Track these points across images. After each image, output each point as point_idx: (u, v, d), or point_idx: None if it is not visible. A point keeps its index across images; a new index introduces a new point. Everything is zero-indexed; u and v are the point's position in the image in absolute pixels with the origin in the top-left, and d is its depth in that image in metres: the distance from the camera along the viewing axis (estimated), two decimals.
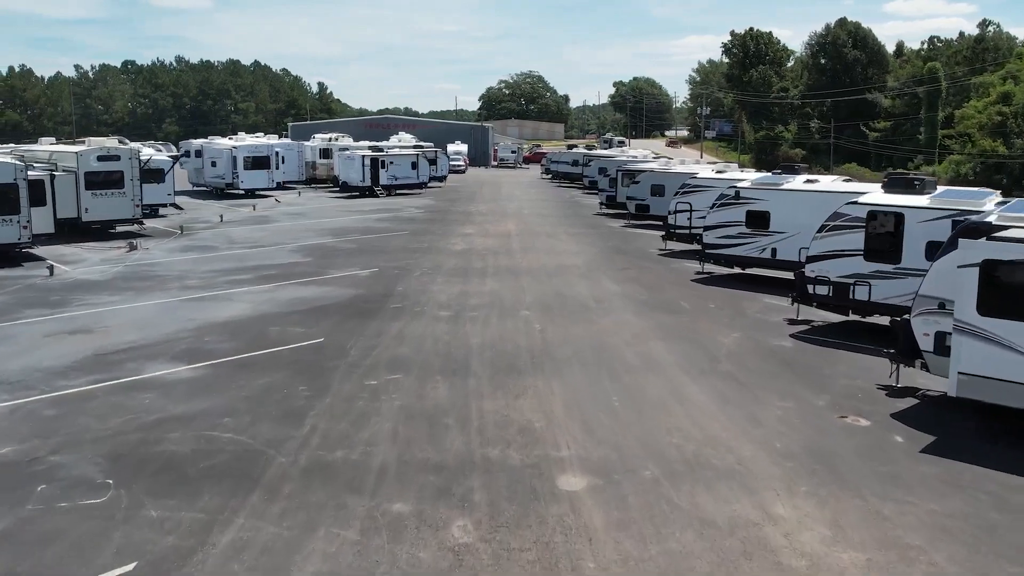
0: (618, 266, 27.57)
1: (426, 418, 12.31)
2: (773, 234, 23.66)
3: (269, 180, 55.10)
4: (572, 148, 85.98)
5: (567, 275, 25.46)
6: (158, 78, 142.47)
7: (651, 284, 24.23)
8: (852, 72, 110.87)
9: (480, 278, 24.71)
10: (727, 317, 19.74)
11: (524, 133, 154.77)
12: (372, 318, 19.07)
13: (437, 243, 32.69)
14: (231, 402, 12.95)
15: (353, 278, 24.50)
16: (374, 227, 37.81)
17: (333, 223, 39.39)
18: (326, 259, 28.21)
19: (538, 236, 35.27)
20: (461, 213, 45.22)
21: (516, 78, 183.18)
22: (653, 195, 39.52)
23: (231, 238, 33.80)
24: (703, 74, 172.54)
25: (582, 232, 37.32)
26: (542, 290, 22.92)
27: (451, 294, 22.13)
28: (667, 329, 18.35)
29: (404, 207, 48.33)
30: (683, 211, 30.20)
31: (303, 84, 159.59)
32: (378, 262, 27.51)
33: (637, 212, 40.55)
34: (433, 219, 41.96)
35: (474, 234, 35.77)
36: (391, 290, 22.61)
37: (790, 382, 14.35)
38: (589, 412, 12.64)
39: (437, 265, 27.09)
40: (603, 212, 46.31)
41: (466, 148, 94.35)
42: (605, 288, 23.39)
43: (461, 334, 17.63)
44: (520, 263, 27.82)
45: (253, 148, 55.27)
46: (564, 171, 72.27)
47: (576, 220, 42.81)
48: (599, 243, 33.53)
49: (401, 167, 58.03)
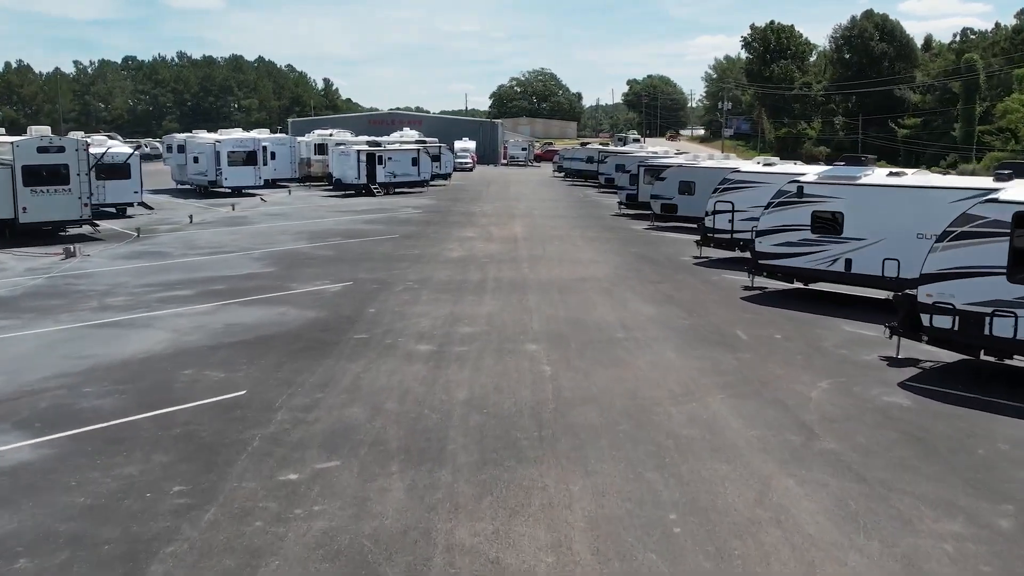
0: (647, 279, 22.56)
1: (358, 564, 7.33)
2: (847, 241, 18.60)
3: (256, 177, 50.37)
4: (585, 145, 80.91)
5: (585, 291, 20.48)
6: (158, 74, 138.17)
7: (691, 304, 19.20)
8: (879, 66, 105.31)
9: (477, 295, 19.76)
10: (802, 354, 14.71)
11: (535, 132, 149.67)
12: (325, 355, 14.15)
13: (431, 249, 27.75)
14: (47, 522, 8.01)
15: (318, 295, 19.60)
16: (362, 230, 32.92)
17: (317, 225, 34.53)
18: (293, 269, 23.33)
19: (549, 241, 30.27)
20: (463, 214, 40.27)
21: (528, 76, 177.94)
22: (681, 193, 34.47)
23: (192, 243, 28.99)
24: (720, 71, 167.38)
25: (600, 236, 32.31)
26: (554, 313, 17.94)
27: (437, 318, 17.17)
28: (725, 374, 13.33)
29: (401, 207, 43.43)
30: (723, 212, 25.19)
31: (309, 81, 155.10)
32: (355, 273, 22.61)
33: (663, 213, 35.49)
34: (431, 221, 37.03)
35: (475, 238, 30.82)
36: (361, 313, 17.67)
37: (939, 477, 9.30)
38: (633, 551, 7.61)
39: (426, 277, 22.15)
40: (623, 212, 41.28)
41: (474, 145, 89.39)
42: (634, 310, 18.38)
43: (441, 383, 12.67)
44: (527, 275, 22.86)
45: (238, 143, 50.58)
46: (578, 169, 67.10)
47: (593, 222, 37.80)
48: (621, 249, 28.51)
49: (400, 163, 53.13)
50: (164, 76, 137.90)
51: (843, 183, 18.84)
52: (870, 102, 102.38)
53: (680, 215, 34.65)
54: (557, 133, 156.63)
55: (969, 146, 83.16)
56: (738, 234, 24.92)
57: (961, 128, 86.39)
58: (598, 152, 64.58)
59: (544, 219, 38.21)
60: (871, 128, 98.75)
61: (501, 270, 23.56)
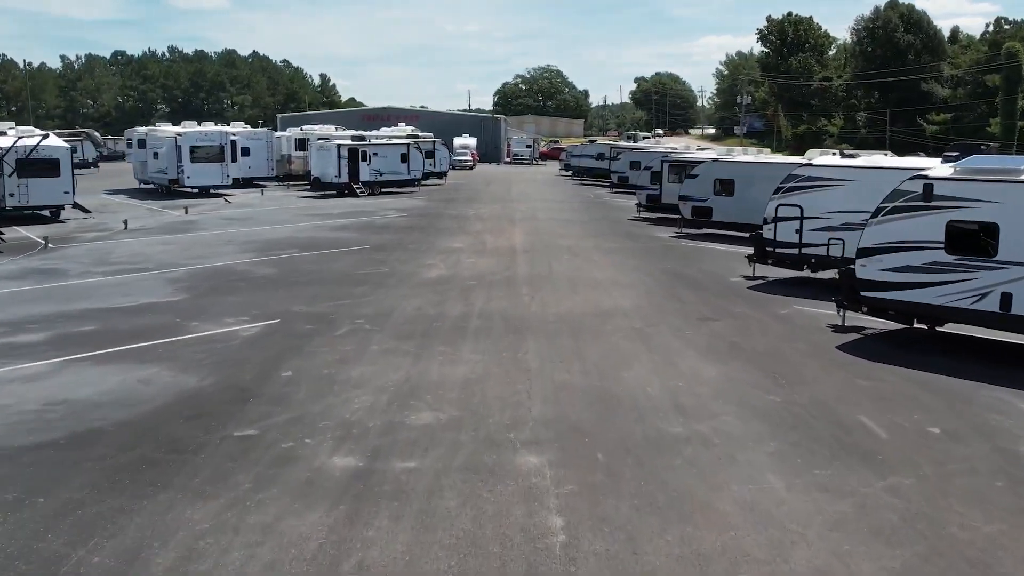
0: (693, 312, 16.34)
1: None
2: (1005, 266, 12.38)
3: (223, 175, 44.28)
4: (595, 142, 74.62)
5: (609, 334, 14.25)
6: (147, 69, 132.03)
7: (770, 358, 12.93)
8: (904, 59, 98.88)
9: (451, 344, 13.54)
10: (996, 474, 8.49)
11: (541, 130, 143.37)
12: (161, 485, 7.97)
13: (404, 266, 21.56)
14: None
15: (220, 343, 13.40)
16: (326, 239, 26.77)
17: (274, 232, 28.40)
18: (210, 297, 17.17)
19: (557, 254, 24.05)
20: (455, 218, 34.07)
21: (533, 73, 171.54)
22: (718, 194, 28.23)
23: (106, 257, 22.89)
24: (732, 67, 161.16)
25: (620, 247, 26.07)
26: (565, 378, 11.69)
27: (382, 392, 10.94)
28: (891, 538, 7.13)
29: (383, 209, 37.28)
30: (789, 219, 18.96)
31: (304, 76, 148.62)
32: (291, 304, 16.44)
33: (694, 218, 29.23)
34: (414, 226, 30.83)
35: (464, 250, 24.63)
36: (266, 379, 11.44)
37: None
38: None
39: (386, 311, 15.96)
40: (642, 216, 35.06)
41: (474, 142, 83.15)
42: (688, 371, 12.12)
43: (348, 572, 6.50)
44: (527, 307, 16.64)
45: (202, 137, 44.47)
46: (587, 166, 60.68)
47: (608, 228, 31.56)
48: (649, 266, 22.26)
49: (387, 160, 46.93)
50: (153, 72, 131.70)
51: (999, 180, 12.59)
52: (894, 97, 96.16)
53: (716, 220, 28.44)
54: (563, 131, 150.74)
55: (1010, 141, 76.63)
56: (808, 248, 18.74)
57: (1001, 122, 79.88)
58: (609, 148, 58.30)
59: (550, 225, 31.99)
60: (896, 124, 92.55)
61: (492, 299, 17.35)
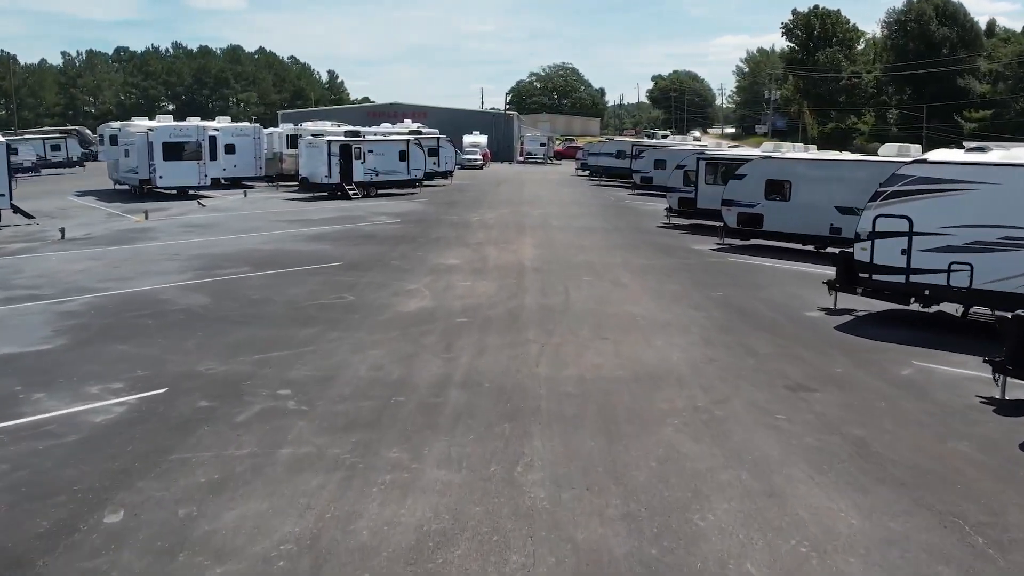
0: (776, 374, 11.23)
1: None
2: None
3: (199, 175, 39.52)
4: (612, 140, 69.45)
5: (658, 423, 9.14)
6: (149, 65, 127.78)
7: (934, 479, 7.80)
8: (939, 53, 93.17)
9: (410, 446, 8.41)
10: None
11: (556, 129, 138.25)
12: None
13: (375, 293, 16.57)
14: None
15: (39, 445, 8.40)
16: (293, 253, 21.85)
17: (235, 244, 23.54)
18: (94, 345, 12.26)
19: (575, 275, 18.99)
20: (455, 226, 29.10)
21: (548, 70, 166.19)
22: (771, 198, 23.14)
23: (5, 279, 18.07)
24: (752, 64, 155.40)
25: (654, 264, 20.98)
26: (596, 538, 6.62)
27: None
28: None
29: (374, 214, 32.39)
30: (892, 234, 13.87)
31: (312, 73, 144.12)
32: (198, 357, 11.49)
33: (740, 226, 24.16)
34: (404, 236, 25.90)
35: (459, 269, 19.62)
36: (53, 539, 6.51)
37: None
38: None
39: (326, 374, 10.95)
40: (672, 223, 30.00)
41: (485, 140, 78.19)
42: (806, 514, 6.97)
43: None
44: (533, 364, 11.59)
45: (176, 132, 39.76)
46: (606, 166, 55.41)
47: (635, 238, 26.49)
48: (695, 293, 17.15)
49: (384, 158, 42.01)
50: (155, 68, 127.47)
51: None
52: (928, 92, 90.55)
53: (768, 230, 23.38)
54: (579, 130, 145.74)
55: None
56: (920, 275, 13.66)
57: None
58: (631, 145, 53.10)
59: (566, 234, 26.96)
60: (930, 121, 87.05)
61: (484, 350, 12.32)
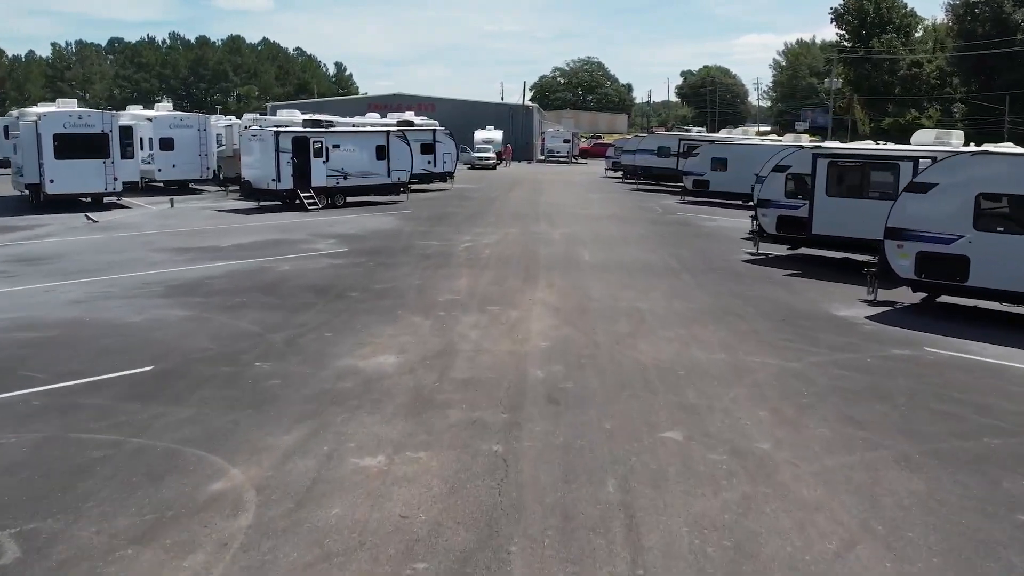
0: None
1: None
2: None
3: (106, 178, 29.39)
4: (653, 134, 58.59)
5: None
6: (141, 56, 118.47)
7: None
8: (1014, 39, 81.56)
9: None
10: None
11: (581, 125, 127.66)
12: None
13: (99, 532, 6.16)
14: None
15: None
16: (95, 330, 11.50)
17: (26, 303, 13.24)
18: None
19: (644, 410, 8.43)
20: (427, 260, 18.53)
21: (573, 65, 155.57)
22: (988, 227, 12.44)
23: None
24: (792, 56, 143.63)
25: (793, 367, 10.28)
26: None
27: None
28: None
29: (319, 238, 21.97)
30: None
31: (318, 65, 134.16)
32: None
33: (924, 277, 13.41)
34: (330, 288, 15.39)
35: (382, 396, 9.09)
36: None
37: None
38: None
39: None
40: (764, 253, 19.36)
41: (500, 135, 67.61)
42: None
43: None
44: None
45: (73, 121, 29.48)
46: (646, 165, 44.49)
47: (723, 288, 15.77)
48: (930, 465, 6.57)
49: (355, 156, 31.60)
50: (148, 59, 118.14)
51: None
52: (1002, 82, 79.20)
53: (979, 286, 12.69)
54: (605, 127, 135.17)
55: None
56: None
57: None
58: (679, 140, 42.36)
59: (607, 280, 16.31)
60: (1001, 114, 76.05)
61: None
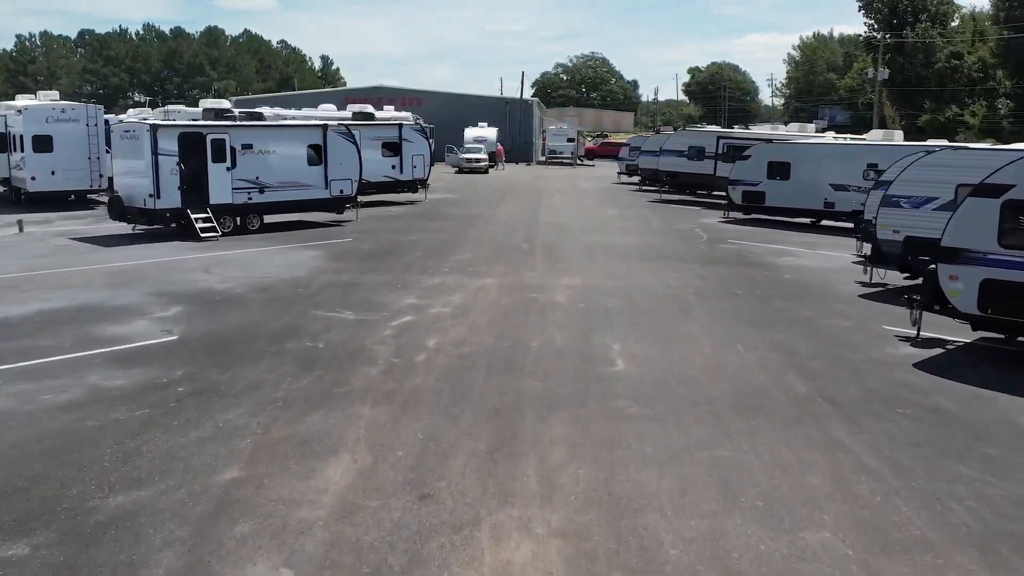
0: None
1: None
2: None
3: None
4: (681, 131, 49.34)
5: None
6: (110, 49, 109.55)
7: None
8: None
9: None
10: None
11: (585, 124, 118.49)
12: None
13: None
14: None
15: None
16: None
17: None
18: None
19: None
20: (311, 369, 9.35)
21: (576, 61, 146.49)
22: None
23: None
24: (808, 51, 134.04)
25: None
26: None
27: None
28: None
29: (173, 299, 12.76)
30: None
31: (303, 59, 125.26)
32: None
33: None
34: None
35: None
36: None
37: None
38: None
39: None
40: (941, 338, 10.18)
41: (495, 133, 58.30)
42: None
43: None
44: None
45: None
46: (673, 170, 35.28)
47: (886, 421, 6.69)
48: None
49: (275, 160, 22.37)
50: (118, 52, 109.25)
51: None
52: None
53: None
54: (611, 125, 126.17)
55: None
56: None
57: None
58: (717, 139, 33.06)
59: (666, 430, 7.22)
60: None
61: None
